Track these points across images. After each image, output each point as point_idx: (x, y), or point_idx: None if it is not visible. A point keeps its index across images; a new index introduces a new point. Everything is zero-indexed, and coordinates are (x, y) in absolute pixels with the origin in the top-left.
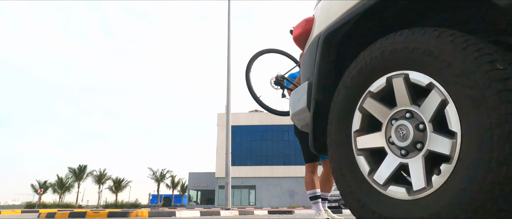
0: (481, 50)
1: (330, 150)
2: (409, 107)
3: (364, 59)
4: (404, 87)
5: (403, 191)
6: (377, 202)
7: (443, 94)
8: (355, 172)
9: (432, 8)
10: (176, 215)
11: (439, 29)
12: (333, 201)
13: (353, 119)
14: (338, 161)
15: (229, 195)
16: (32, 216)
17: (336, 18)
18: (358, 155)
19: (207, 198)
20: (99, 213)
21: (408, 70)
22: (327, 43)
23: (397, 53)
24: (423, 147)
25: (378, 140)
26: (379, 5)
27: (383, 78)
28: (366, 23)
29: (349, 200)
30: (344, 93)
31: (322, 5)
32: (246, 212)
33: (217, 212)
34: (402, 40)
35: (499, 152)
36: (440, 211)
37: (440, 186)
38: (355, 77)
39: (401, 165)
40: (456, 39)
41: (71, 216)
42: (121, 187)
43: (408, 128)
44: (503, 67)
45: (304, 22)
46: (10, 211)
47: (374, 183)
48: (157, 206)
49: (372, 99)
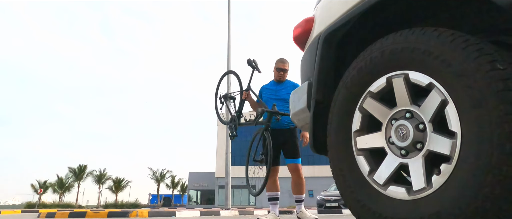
0: (481, 50)
1: (330, 150)
2: (409, 107)
3: (364, 59)
4: (404, 87)
5: (403, 191)
6: (377, 202)
7: (443, 94)
8: (355, 172)
9: (432, 8)
10: (176, 215)
11: (439, 29)
12: (333, 201)
13: (353, 119)
14: (338, 161)
15: (229, 195)
16: (32, 216)
17: (336, 18)
18: (358, 155)
19: (207, 198)
20: (99, 213)
21: (408, 70)
22: (327, 43)
23: (397, 53)
24: (423, 147)
25: (378, 140)
26: (379, 5)
27: (383, 78)
28: (366, 23)
29: (349, 200)
30: (344, 93)
31: (322, 5)
32: (246, 212)
33: (217, 212)
34: (402, 40)
35: (499, 152)
36: (440, 211)
37: (440, 186)
38: (355, 77)
39: (401, 165)
40: (456, 39)
41: (71, 216)
42: (121, 187)
43: (408, 128)
44: (503, 67)
45: (304, 22)
46: (10, 211)
47: (374, 183)
48: (157, 206)
49: (372, 99)
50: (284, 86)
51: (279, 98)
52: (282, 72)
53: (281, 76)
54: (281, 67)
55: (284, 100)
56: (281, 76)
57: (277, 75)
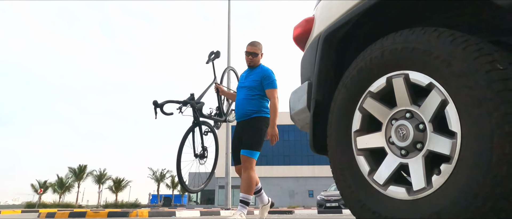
0: (481, 50)
1: (330, 150)
2: (409, 107)
3: (364, 59)
4: (404, 87)
5: (403, 191)
6: (377, 202)
7: (443, 94)
8: (355, 172)
9: (432, 8)
10: (176, 215)
11: (439, 29)
12: (333, 201)
13: (353, 119)
14: (338, 161)
15: (229, 195)
16: (32, 216)
17: (336, 18)
18: (358, 155)
19: (207, 198)
20: (99, 213)
21: (408, 70)
22: (327, 43)
23: (397, 53)
24: (423, 147)
25: (378, 140)
26: (379, 5)
27: (383, 78)
28: (366, 23)
29: (349, 200)
30: (344, 93)
31: (322, 5)
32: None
33: (217, 212)
34: (402, 40)
35: (499, 152)
36: (440, 211)
37: (440, 186)
38: (355, 77)
39: (401, 165)
40: (456, 39)
41: (71, 216)
42: (121, 187)
43: (408, 128)
44: (503, 67)
45: (304, 22)
46: (10, 211)
47: (374, 183)
48: (157, 206)
49: (372, 99)
50: (253, 73)
51: (244, 86)
52: (250, 56)
53: (250, 61)
54: (248, 50)
55: (248, 88)
56: (250, 61)
57: (246, 59)
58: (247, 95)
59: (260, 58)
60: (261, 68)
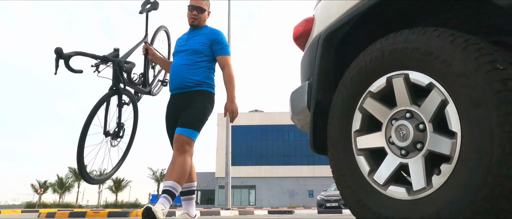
0: (481, 50)
1: (330, 150)
2: (409, 107)
3: (364, 59)
4: (404, 87)
5: (403, 191)
6: (377, 202)
7: (443, 94)
8: (355, 172)
9: (432, 8)
10: (176, 215)
11: (439, 29)
12: (333, 201)
13: (353, 119)
14: (338, 161)
15: (229, 195)
16: (32, 216)
17: (336, 18)
18: (358, 155)
19: (207, 198)
20: (99, 213)
21: (408, 70)
22: (327, 43)
23: (397, 53)
24: (423, 147)
25: (378, 140)
26: (379, 5)
27: (383, 78)
28: (366, 23)
29: (349, 200)
30: (344, 93)
31: (322, 5)
32: (246, 212)
33: (217, 212)
34: (402, 40)
35: (499, 152)
36: (440, 211)
37: (440, 186)
38: (355, 77)
39: (401, 165)
40: (456, 39)
41: (71, 216)
42: (121, 187)
43: (408, 128)
44: (503, 67)
45: (304, 22)
46: (10, 211)
47: (374, 183)
48: None
49: (372, 99)
50: (198, 33)
51: (184, 49)
52: (195, 11)
53: (194, 18)
54: (193, 4)
55: (192, 51)
56: (194, 18)
57: (189, 16)
58: (189, 61)
59: (207, 17)
60: (208, 29)
